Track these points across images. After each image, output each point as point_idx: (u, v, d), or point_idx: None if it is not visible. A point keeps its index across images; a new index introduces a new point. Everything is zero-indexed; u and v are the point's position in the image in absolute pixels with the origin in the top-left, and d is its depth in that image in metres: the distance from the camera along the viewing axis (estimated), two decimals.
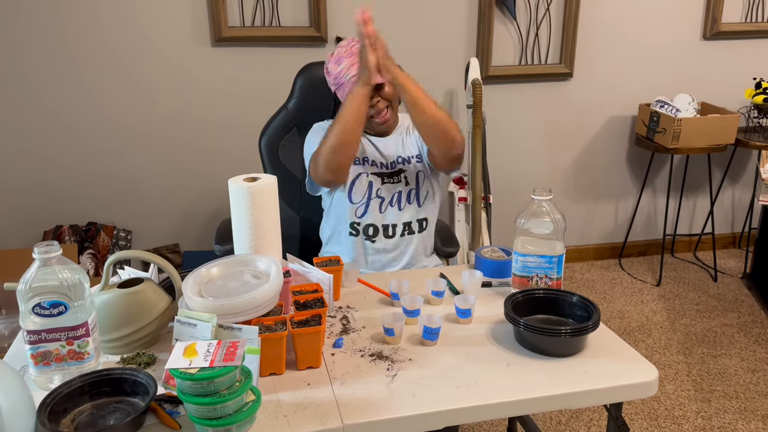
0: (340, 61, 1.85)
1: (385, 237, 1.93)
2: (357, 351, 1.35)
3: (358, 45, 1.80)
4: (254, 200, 1.46)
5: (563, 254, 1.50)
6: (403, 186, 1.94)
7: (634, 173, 3.63)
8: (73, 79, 2.87)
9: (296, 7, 2.96)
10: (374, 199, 1.93)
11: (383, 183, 1.94)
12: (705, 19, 3.39)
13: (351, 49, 1.84)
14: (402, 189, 1.94)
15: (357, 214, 1.93)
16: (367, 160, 1.95)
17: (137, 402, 1.15)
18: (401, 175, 1.95)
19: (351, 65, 1.82)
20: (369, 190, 1.93)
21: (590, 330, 1.32)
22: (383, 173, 1.94)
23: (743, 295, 3.31)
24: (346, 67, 1.83)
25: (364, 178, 1.93)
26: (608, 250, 3.73)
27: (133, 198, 3.08)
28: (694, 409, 2.43)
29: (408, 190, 1.94)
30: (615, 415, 1.33)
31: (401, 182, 1.94)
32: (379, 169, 1.94)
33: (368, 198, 1.92)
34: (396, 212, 1.93)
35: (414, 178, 1.95)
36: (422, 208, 1.96)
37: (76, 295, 1.18)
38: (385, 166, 1.95)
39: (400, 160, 1.96)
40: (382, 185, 1.93)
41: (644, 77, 3.44)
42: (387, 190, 1.93)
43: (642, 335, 2.93)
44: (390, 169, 1.95)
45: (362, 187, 1.92)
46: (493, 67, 3.22)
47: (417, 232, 1.96)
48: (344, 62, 1.84)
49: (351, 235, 1.94)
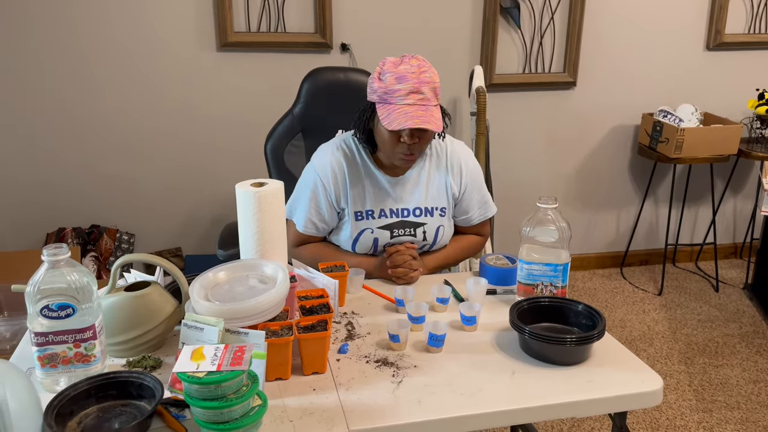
0: (403, 80, 1.57)
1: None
2: (362, 357, 1.35)
3: (427, 72, 1.59)
4: (261, 205, 1.47)
5: (568, 262, 1.51)
6: (419, 241, 1.74)
7: (637, 182, 3.64)
8: (79, 81, 2.88)
9: (302, 13, 2.97)
10: (381, 251, 1.76)
11: (393, 236, 1.73)
12: (708, 29, 3.41)
13: (420, 75, 1.58)
14: (416, 243, 1.74)
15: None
16: (372, 213, 1.73)
17: (143, 405, 1.15)
18: (419, 229, 1.74)
19: (410, 92, 1.56)
20: (374, 247, 1.75)
21: (595, 339, 1.33)
22: (394, 224, 1.73)
23: (745, 305, 3.31)
24: (406, 91, 1.56)
25: (368, 234, 1.73)
26: (610, 259, 3.74)
27: (136, 201, 3.08)
28: (695, 420, 2.43)
29: (423, 245, 1.76)
30: (619, 424, 1.33)
31: (417, 237, 1.74)
32: (389, 219, 1.73)
33: (374, 250, 1.76)
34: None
35: (433, 233, 1.75)
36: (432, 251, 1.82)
37: (83, 298, 1.19)
38: (397, 213, 1.74)
39: (419, 212, 1.74)
40: (392, 239, 1.73)
41: (647, 87, 3.45)
42: (398, 241, 1.74)
43: (643, 345, 2.93)
44: (403, 217, 1.74)
45: (366, 243, 1.74)
46: (497, 75, 3.23)
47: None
48: (406, 84, 1.56)
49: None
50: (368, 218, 1.74)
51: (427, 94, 1.58)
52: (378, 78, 1.62)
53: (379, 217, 1.74)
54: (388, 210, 1.74)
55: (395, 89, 1.57)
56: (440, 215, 1.77)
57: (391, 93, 1.58)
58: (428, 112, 1.58)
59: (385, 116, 1.58)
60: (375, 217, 1.74)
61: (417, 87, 1.57)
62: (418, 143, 1.63)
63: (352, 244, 1.76)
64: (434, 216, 1.76)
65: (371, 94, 1.65)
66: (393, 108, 1.57)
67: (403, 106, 1.57)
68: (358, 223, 1.74)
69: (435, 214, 1.76)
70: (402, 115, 1.56)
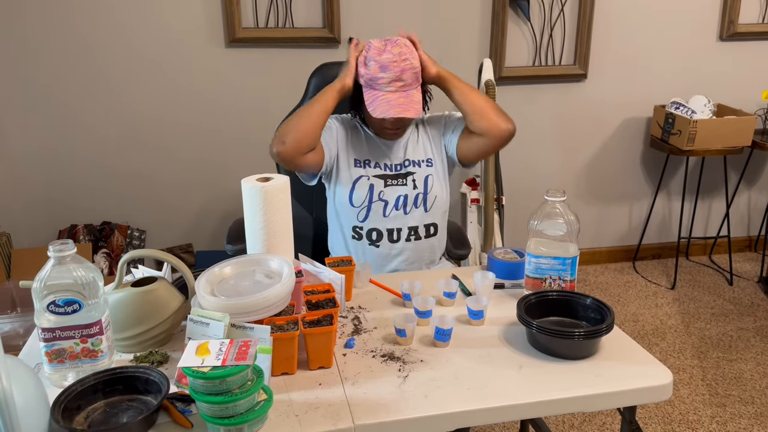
0: (386, 69, 1.72)
1: (389, 241, 1.87)
2: (368, 351, 1.35)
3: (408, 59, 1.74)
4: (267, 200, 1.47)
5: (577, 256, 1.49)
6: (410, 189, 1.87)
7: (649, 175, 3.60)
8: (89, 79, 2.89)
9: (309, 8, 2.97)
10: (376, 202, 1.86)
11: (387, 185, 1.87)
12: (721, 20, 3.36)
13: (402, 63, 1.73)
14: (408, 192, 1.87)
15: (359, 218, 1.87)
16: (369, 162, 1.89)
17: (150, 400, 1.16)
18: (409, 177, 1.88)
19: (392, 80, 1.73)
20: (370, 194, 1.86)
21: (604, 333, 1.31)
22: (387, 175, 1.87)
23: (759, 299, 3.27)
24: (388, 79, 1.73)
25: (364, 181, 1.86)
26: (622, 252, 3.71)
27: (147, 198, 3.10)
28: (708, 414, 2.40)
29: (415, 194, 1.87)
30: (629, 418, 1.32)
31: (408, 185, 1.87)
32: (383, 171, 1.88)
33: (369, 201, 1.86)
34: (401, 216, 1.87)
35: (423, 181, 1.88)
36: (429, 213, 1.89)
37: (90, 293, 1.19)
38: (390, 167, 1.88)
39: (408, 163, 1.89)
40: (386, 188, 1.86)
41: (659, 78, 3.41)
42: (391, 192, 1.86)
43: (656, 339, 2.91)
44: (396, 171, 1.88)
45: (363, 190, 1.86)
46: (507, 68, 3.21)
47: (424, 238, 1.89)
48: (388, 73, 1.72)
49: (353, 239, 1.89)
50: (365, 166, 1.88)
51: (408, 80, 1.75)
52: (364, 64, 1.77)
53: (374, 167, 1.89)
54: (383, 164, 1.89)
55: (378, 77, 1.73)
56: (427, 166, 1.91)
57: (375, 80, 1.74)
58: (409, 98, 1.74)
59: (370, 102, 1.75)
60: (371, 166, 1.89)
61: (399, 75, 1.73)
62: (401, 122, 1.83)
63: (350, 191, 1.87)
64: (421, 167, 1.90)
65: (359, 77, 1.80)
66: (377, 95, 1.75)
67: (386, 94, 1.74)
68: (357, 170, 1.88)
69: (422, 165, 1.90)
70: (385, 103, 1.73)
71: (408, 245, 1.88)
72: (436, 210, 1.91)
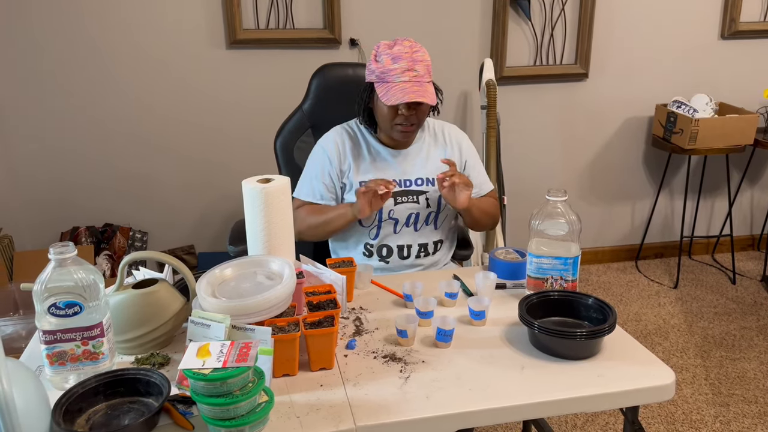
0: (398, 60, 1.71)
1: (399, 258, 1.87)
2: (370, 352, 1.34)
3: (419, 51, 1.72)
4: (268, 201, 1.47)
5: (578, 256, 1.49)
6: (422, 208, 1.83)
7: (651, 174, 3.59)
8: (92, 81, 2.90)
9: (310, 9, 2.97)
10: (386, 221, 1.84)
11: (397, 203, 1.82)
12: (723, 18, 3.35)
13: (413, 54, 1.72)
14: (420, 210, 1.84)
15: (370, 236, 1.86)
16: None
17: (151, 402, 1.15)
18: (421, 196, 1.83)
19: (405, 70, 1.70)
20: (380, 213, 1.83)
21: (606, 333, 1.31)
22: (397, 193, 1.82)
23: (762, 297, 3.26)
24: (401, 70, 1.70)
25: None
26: (624, 252, 3.70)
27: (149, 199, 3.10)
28: (712, 414, 2.40)
29: (428, 213, 1.84)
30: (631, 418, 1.31)
31: (420, 203, 1.83)
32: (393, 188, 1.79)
33: (379, 221, 1.84)
34: (411, 233, 1.85)
35: (436, 201, 1.84)
36: (439, 230, 1.89)
37: (91, 296, 1.19)
38: (401, 183, 1.83)
39: (421, 182, 1.84)
40: (396, 206, 1.82)
41: (661, 77, 3.41)
42: (402, 210, 1.83)
43: (659, 338, 2.90)
44: (406, 187, 1.84)
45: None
46: (508, 68, 3.20)
47: (432, 254, 1.89)
48: (401, 63, 1.70)
49: (364, 255, 1.88)
50: None
51: (420, 71, 1.72)
52: (375, 59, 1.76)
53: None
54: (392, 180, 1.80)
55: (391, 68, 1.71)
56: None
57: (387, 72, 1.72)
58: (423, 87, 1.72)
59: (384, 93, 1.72)
60: None
61: (411, 65, 1.71)
62: (415, 115, 1.76)
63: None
64: (436, 185, 1.84)
65: (369, 75, 1.79)
66: (390, 85, 1.71)
67: (400, 83, 1.70)
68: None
69: (437, 185, 1.82)
70: (399, 90, 1.70)
71: (418, 261, 1.89)
72: (445, 226, 1.92)
